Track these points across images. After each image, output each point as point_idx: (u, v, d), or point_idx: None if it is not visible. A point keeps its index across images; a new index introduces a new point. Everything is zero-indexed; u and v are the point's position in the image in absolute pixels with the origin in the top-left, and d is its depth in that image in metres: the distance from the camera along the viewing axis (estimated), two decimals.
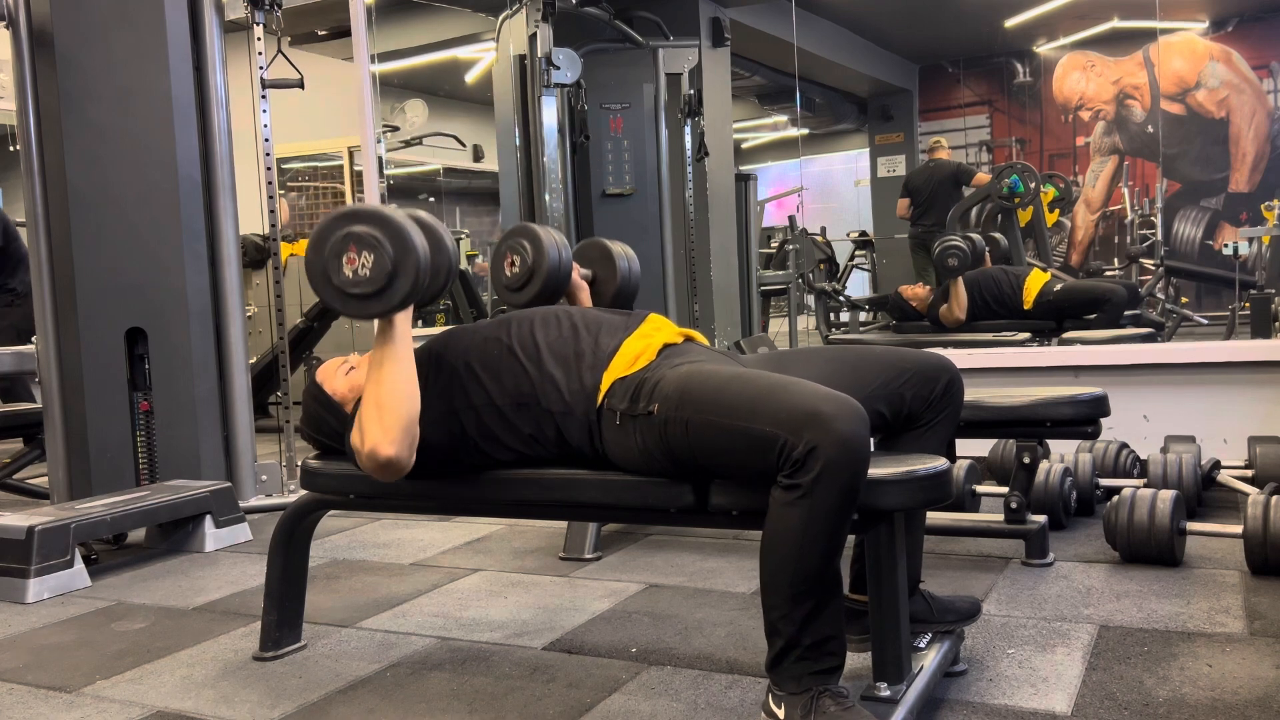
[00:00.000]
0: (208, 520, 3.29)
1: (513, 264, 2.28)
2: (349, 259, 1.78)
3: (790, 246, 8.15)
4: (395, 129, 8.66)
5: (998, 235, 6.66)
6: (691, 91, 5.64)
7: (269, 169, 3.90)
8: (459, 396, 1.91)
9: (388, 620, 2.50)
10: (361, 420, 1.82)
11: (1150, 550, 2.60)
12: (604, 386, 1.82)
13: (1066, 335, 4.93)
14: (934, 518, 2.78)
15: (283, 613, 2.28)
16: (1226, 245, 7.43)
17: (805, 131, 11.39)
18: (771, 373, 1.76)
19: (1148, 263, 7.57)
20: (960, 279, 5.51)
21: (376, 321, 1.86)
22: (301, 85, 3.92)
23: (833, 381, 1.69)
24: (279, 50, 4.00)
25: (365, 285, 1.78)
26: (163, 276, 3.61)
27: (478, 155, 10.13)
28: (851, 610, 1.82)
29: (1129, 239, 8.60)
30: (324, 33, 7.12)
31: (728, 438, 1.63)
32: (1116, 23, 9.07)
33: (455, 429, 1.91)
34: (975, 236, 5.74)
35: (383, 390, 1.80)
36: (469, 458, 1.93)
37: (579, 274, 2.41)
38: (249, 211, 4.14)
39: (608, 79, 5.52)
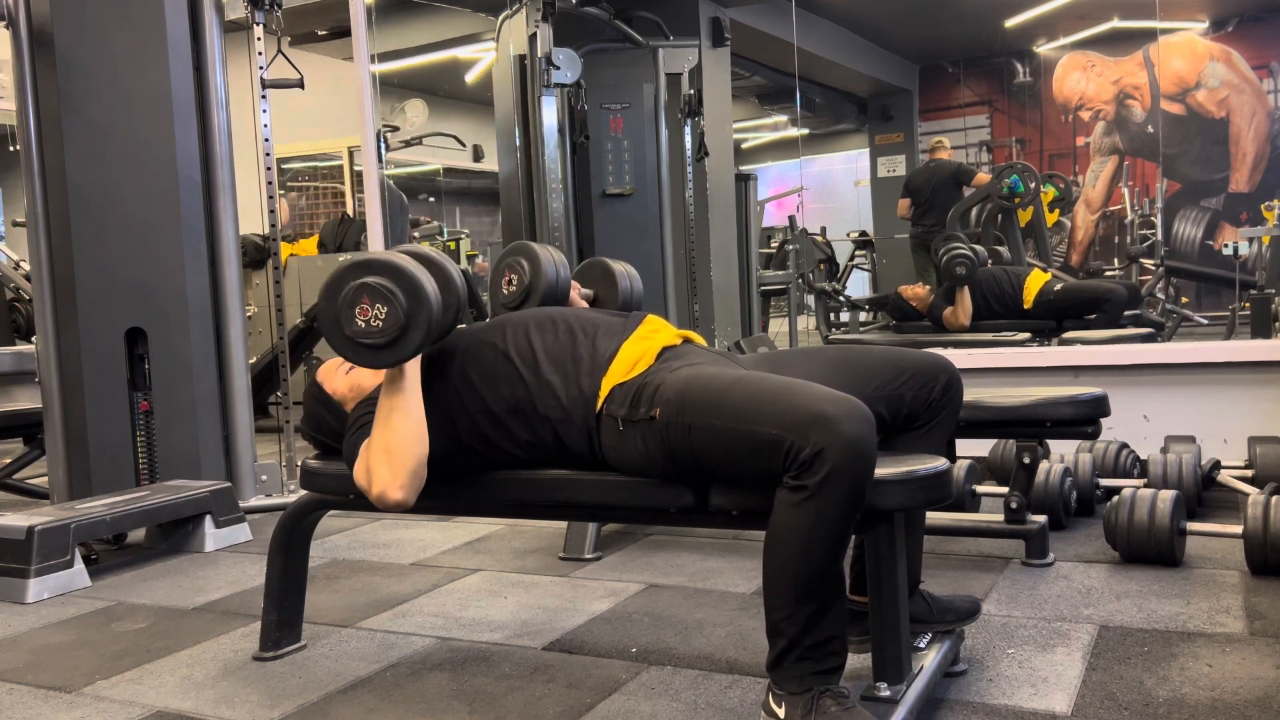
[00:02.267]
0: (208, 520, 3.29)
1: (510, 282, 2.26)
2: (362, 310, 1.77)
3: (790, 246, 8.15)
4: (395, 129, 8.66)
5: (1000, 249, 6.68)
6: (691, 91, 5.64)
7: (269, 169, 3.90)
8: (454, 403, 1.90)
9: (388, 620, 2.50)
10: (370, 463, 1.82)
11: (1150, 550, 2.60)
12: (603, 392, 1.81)
13: (1066, 335, 4.94)
14: (934, 518, 2.78)
15: (283, 613, 2.28)
16: (1226, 245, 7.44)
17: (805, 131, 11.39)
18: (772, 374, 1.75)
19: (1148, 263, 7.57)
20: (966, 287, 5.52)
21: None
22: (301, 85, 3.92)
23: (831, 382, 1.69)
24: (279, 50, 4.00)
25: (378, 336, 1.78)
26: (163, 276, 3.61)
27: (478, 155, 10.14)
28: (852, 611, 1.82)
29: (1129, 239, 8.61)
30: (324, 33, 7.12)
31: (732, 441, 1.63)
32: (1116, 23, 9.07)
33: (451, 434, 1.90)
34: (979, 248, 5.76)
35: (392, 437, 1.81)
36: (467, 460, 1.93)
37: (579, 293, 2.38)
38: (249, 211, 4.14)
39: (608, 79, 5.52)
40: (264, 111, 3.90)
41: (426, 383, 1.93)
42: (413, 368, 1.85)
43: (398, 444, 1.80)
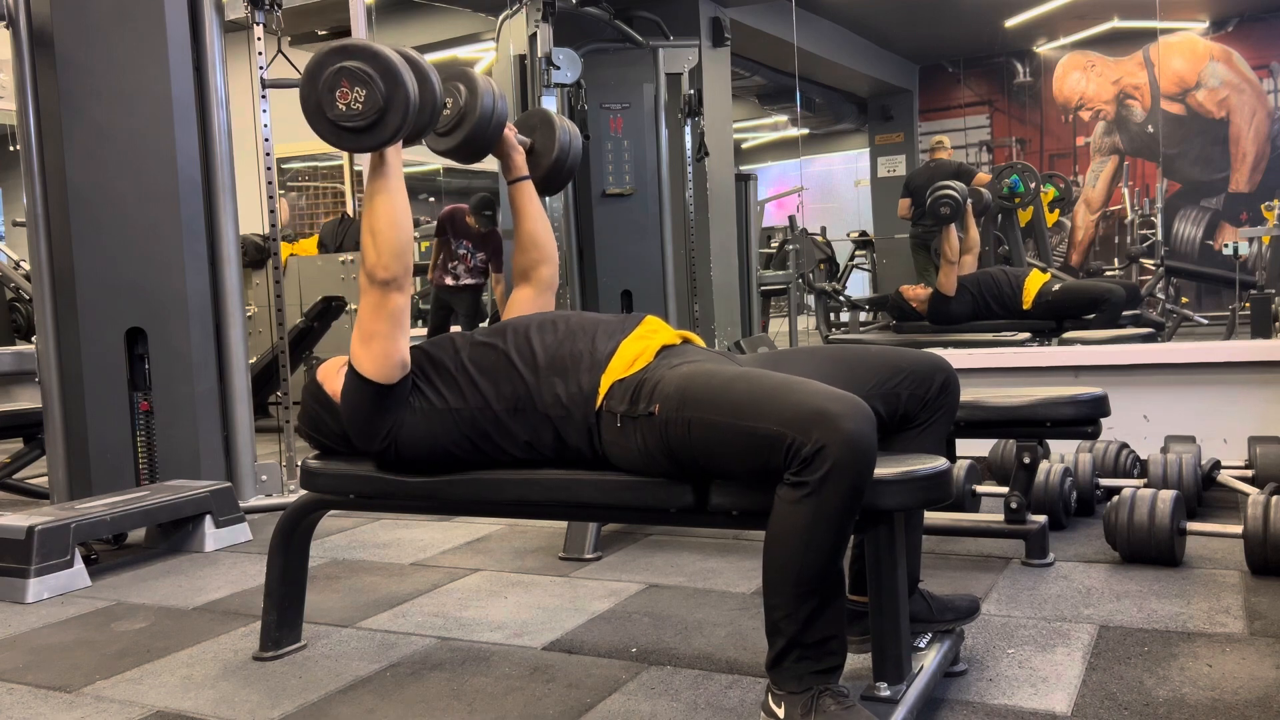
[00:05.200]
0: (208, 520, 3.29)
1: (445, 106, 2.17)
2: (341, 94, 1.83)
3: (790, 246, 8.15)
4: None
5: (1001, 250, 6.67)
6: (691, 91, 5.64)
7: (269, 169, 3.90)
8: (455, 401, 1.91)
9: (388, 620, 2.50)
10: (361, 251, 1.89)
11: (1150, 550, 2.60)
12: (602, 389, 1.82)
13: (1066, 335, 4.94)
14: (934, 518, 2.78)
15: (283, 613, 2.28)
16: (1226, 245, 7.44)
17: (805, 131, 11.38)
18: (772, 372, 1.76)
19: (1148, 263, 7.58)
20: (952, 225, 5.56)
21: (369, 155, 1.91)
22: None
23: (828, 381, 1.69)
24: (279, 50, 4.00)
25: (358, 119, 1.84)
26: (163, 276, 3.61)
27: None
28: (852, 611, 1.82)
29: (1129, 239, 8.61)
30: (324, 33, 7.13)
31: (732, 437, 1.63)
32: (1116, 23, 9.07)
33: (452, 432, 1.91)
34: (961, 185, 5.77)
35: (376, 219, 1.88)
36: (466, 459, 1.93)
37: (516, 136, 2.30)
38: (249, 211, 4.14)
39: (608, 79, 5.51)
40: (264, 111, 3.90)
41: (428, 383, 1.94)
42: (394, 154, 1.90)
43: (381, 226, 1.87)
